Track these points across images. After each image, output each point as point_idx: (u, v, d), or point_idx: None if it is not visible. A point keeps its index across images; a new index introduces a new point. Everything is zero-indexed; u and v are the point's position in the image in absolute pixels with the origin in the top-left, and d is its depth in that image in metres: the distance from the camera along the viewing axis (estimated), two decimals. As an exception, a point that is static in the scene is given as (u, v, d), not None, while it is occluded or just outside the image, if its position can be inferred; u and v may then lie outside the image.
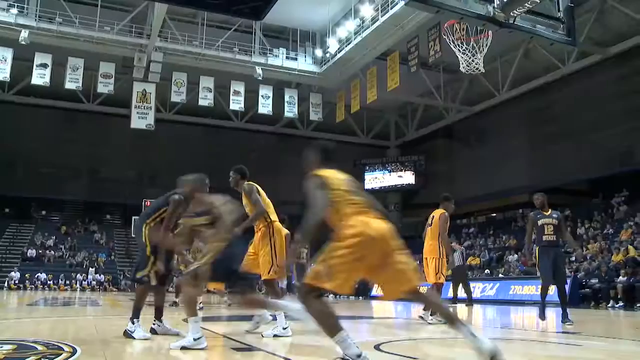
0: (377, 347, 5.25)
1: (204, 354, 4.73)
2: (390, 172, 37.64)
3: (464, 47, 15.95)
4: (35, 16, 25.71)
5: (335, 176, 3.87)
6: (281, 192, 38.09)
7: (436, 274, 8.68)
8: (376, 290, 18.50)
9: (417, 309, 9.63)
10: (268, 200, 6.40)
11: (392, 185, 37.47)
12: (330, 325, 3.43)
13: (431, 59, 24.39)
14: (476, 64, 16.07)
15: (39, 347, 4.79)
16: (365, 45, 26.49)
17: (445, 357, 5.29)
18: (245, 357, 4.76)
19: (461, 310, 9.71)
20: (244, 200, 6.33)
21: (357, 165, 38.42)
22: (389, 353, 4.97)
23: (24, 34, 24.74)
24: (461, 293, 15.87)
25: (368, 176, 37.91)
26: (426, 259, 8.85)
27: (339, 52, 28.29)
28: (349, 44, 27.30)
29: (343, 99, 31.34)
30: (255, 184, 6.43)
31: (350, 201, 3.71)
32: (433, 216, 8.95)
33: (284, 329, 5.79)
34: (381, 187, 37.02)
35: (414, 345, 5.98)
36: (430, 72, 28.74)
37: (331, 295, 11.12)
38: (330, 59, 29.05)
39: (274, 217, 6.36)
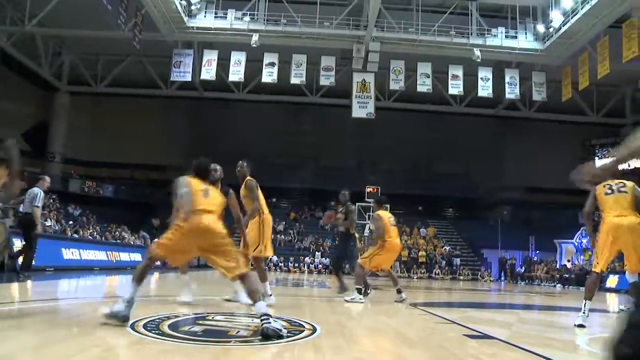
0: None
1: (437, 340, 4.67)
2: (626, 152, 34.01)
3: None
4: (264, 20, 27.86)
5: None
6: (505, 177, 37.07)
7: None
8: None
9: None
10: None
11: (632, 168, 33.85)
12: None
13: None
14: None
15: (283, 323, 5.13)
16: (594, 14, 24.02)
17: None
18: (482, 345, 4.58)
19: None
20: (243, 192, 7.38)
21: (587, 147, 35.44)
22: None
23: (255, 37, 27.08)
24: None
25: (599, 157, 34.70)
26: None
27: (563, 25, 26.12)
28: (575, 15, 25.02)
29: (569, 76, 28.90)
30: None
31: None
32: None
33: None
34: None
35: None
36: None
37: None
38: (554, 34, 26.96)
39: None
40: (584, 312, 6.27)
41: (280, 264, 31.44)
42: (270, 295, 7.27)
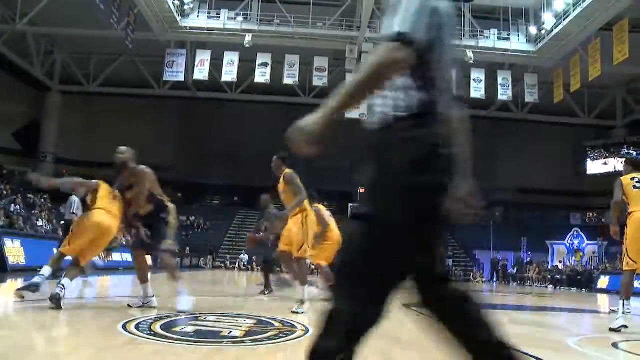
0: (615, 345, 4.93)
1: (430, 341, 4.69)
2: (616, 154, 34.17)
3: None
4: (257, 20, 27.88)
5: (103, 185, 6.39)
6: (497, 178, 37.16)
7: None
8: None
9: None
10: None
11: (619, 171, 34.05)
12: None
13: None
14: None
15: (275, 324, 5.25)
16: (586, 16, 24.16)
17: None
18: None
19: None
20: (283, 187, 6.93)
21: (578, 149, 35.60)
22: (631, 353, 4.64)
23: (248, 37, 27.09)
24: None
25: (591, 159, 34.88)
26: None
27: (555, 28, 26.27)
28: (567, 18, 25.16)
29: (561, 78, 29.04)
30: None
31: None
32: None
33: None
34: (607, 172, 33.70)
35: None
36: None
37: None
38: (546, 36, 27.10)
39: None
40: (623, 313, 6.03)
41: (273, 265, 31.30)
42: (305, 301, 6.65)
